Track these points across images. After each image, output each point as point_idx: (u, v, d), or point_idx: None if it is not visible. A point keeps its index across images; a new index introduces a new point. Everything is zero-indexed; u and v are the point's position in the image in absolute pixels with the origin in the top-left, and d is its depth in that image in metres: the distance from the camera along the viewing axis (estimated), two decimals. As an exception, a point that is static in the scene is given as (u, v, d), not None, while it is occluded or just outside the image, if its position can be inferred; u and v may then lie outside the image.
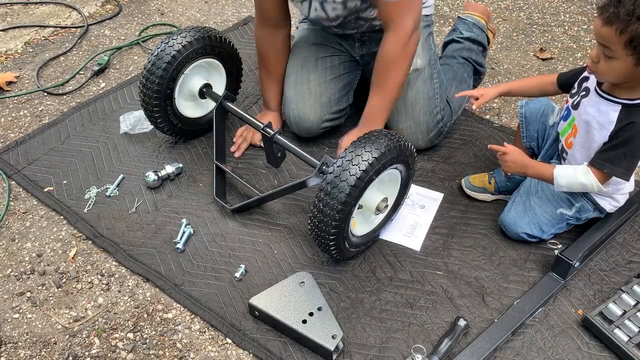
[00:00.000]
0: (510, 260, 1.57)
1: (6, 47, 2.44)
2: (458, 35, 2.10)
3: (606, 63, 1.29)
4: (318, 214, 1.37)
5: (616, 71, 1.29)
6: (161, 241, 1.63)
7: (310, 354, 1.36)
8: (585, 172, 1.41)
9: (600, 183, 1.41)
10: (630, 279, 1.50)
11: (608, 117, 1.37)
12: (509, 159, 1.51)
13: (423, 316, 1.44)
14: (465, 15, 2.16)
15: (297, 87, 1.86)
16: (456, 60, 2.02)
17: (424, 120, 1.81)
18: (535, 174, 1.51)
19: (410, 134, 1.83)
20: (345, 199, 1.34)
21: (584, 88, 1.47)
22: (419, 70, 1.80)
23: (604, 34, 1.25)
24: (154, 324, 1.46)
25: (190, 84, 1.83)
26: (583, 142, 1.45)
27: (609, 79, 1.35)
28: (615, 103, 1.36)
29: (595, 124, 1.40)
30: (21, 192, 1.80)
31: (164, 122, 1.82)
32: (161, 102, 1.76)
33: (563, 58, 2.37)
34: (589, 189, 1.43)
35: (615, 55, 1.26)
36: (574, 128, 1.47)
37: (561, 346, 1.38)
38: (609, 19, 1.23)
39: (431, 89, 1.81)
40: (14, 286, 1.55)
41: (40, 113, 2.10)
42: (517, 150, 1.53)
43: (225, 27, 2.55)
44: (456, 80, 1.96)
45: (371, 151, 1.35)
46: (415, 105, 1.80)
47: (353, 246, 1.51)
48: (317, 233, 1.42)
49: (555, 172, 1.45)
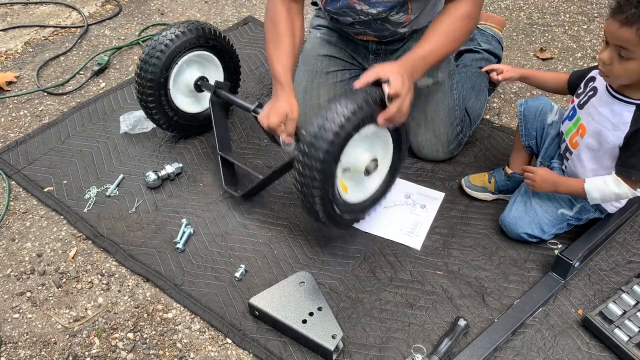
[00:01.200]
0: (510, 260, 1.57)
1: (6, 47, 2.44)
2: (476, 46, 2.08)
3: (621, 64, 1.27)
4: (300, 178, 1.35)
5: (632, 72, 1.28)
6: (161, 241, 1.63)
7: (310, 353, 1.36)
8: (616, 182, 1.41)
9: (635, 188, 1.41)
10: (630, 278, 1.50)
11: (622, 118, 1.36)
12: (538, 178, 1.52)
13: (423, 316, 1.45)
14: (484, 26, 2.14)
15: (307, 101, 1.84)
16: (474, 69, 2.01)
17: (444, 133, 1.80)
18: (567, 191, 1.52)
19: (430, 147, 1.82)
20: (324, 156, 1.31)
21: (591, 88, 1.46)
22: (438, 84, 1.77)
23: (622, 35, 1.23)
24: (154, 323, 1.46)
25: (186, 76, 1.84)
26: (592, 143, 1.44)
27: (623, 81, 1.34)
28: (629, 104, 1.35)
29: (609, 124, 1.39)
30: (21, 192, 1.80)
31: (159, 114, 1.82)
32: (155, 92, 1.77)
33: (563, 58, 2.36)
34: (623, 197, 1.44)
35: (634, 56, 1.25)
36: (580, 127, 1.47)
37: (561, 346, 1.38)
38: (628, 20, 1.21)
39: (451, 101, 1.79)
40: (14, 286, 1.55)
41: (40, 113, 2.10)
42: (544, 169, 1.54)
43: (225, 27, 2.55)
44: (475, 90, 1.95)
45: (346, 105, 1.32)
46: (435, 117, 1.79)
47: (347, 212, 1.48)
48: (302, 199, 1.40)
49: (586, 187, 1.45)
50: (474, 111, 1.91)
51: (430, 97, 1.78)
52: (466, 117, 1.87)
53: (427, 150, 1.83)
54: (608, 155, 1.42)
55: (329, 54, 1.86)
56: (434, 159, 1.85)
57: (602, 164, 1.45)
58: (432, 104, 1.78)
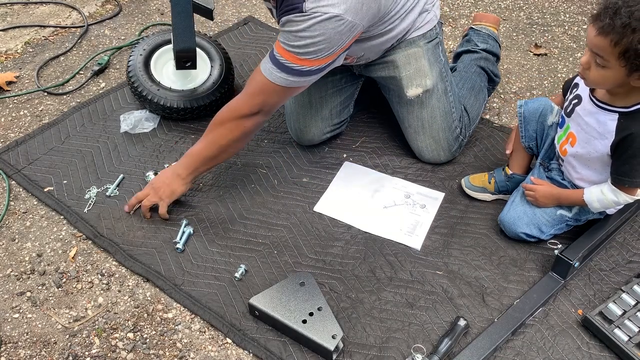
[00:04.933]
0: (510, 260, 1.57)
1: (6, 47, 2.44)
2: (473, 46, 2.08)
3: (597, 71, 1.28)
4: None
5: (607, 79, 1.29)
6: (161, 241, 1.63)
7: (310, 353, 1.36)
8: (613, 191, 1.42)
9: (632, 194, 1.42)
10: (630, 278, 1.50)
11: (607, 126, 1.37)
12: (539, 195, 1.53)
13: (423, 316, 1.45)
14: (479, 26, 2.14)
15: (299, 100, 1.84)
16: (473, 69, 2.00)
17: (444, 137, 1.79)
18: (569, 203, 1.53)
19: (431, 152, 1.82)
20: None
21: (575, 95, 1.46)
22: (430, 91, 1.74)
23: (597, 43, 1.24)
24: (154, 323, 1.46)
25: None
26: (581, 152, 1.45)
27: (599, 86, 1.35)
28: (612, 112, 1.36)
29: (596, 134, 1.39)
30: (21, 192, 1.80)
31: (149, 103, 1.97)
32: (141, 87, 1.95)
33: (563, 58, 2.36)
34: (623, 203, 1.45)
35: (608, 64, 1.25)
36: (570, 136, 1.47)
37: (561, 346, 1.38)
38: (603, 30, 1.21)
39: (447, 104, 1.78)
40: (14, 286, 1.55)
41: (40, 113, 2.10)
42: (545, 183, 1.55)
43: (225, 27, 2.55)
44: (474, 90, 1.94)
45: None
46: (433, 123, 1.78)
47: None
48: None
49: (585, 198, 1.47)
50: (473, 110, 1.91)
51: (424, 104, 1.76)
52: (465, 116, 1.87)
53: (429, 155, 1.82)
54: (598, 162, 1.43)
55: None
56: (436, 162, 1.85)
57: (594, 169, 1.46)
58: (428, 110, 1.77)
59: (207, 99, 1.98)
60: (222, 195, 1.77)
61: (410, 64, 1.72)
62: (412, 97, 1.75)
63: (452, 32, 2.53)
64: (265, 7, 2.66)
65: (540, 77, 2.26)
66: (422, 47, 1.72)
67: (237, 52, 2.35)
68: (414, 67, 1.72)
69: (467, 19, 2.60)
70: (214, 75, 2.02)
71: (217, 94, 2.00)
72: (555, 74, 2.28)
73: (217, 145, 1.60)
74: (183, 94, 1.97)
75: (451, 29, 2.55)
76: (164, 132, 1.98)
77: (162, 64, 2.04)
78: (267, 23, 2.56)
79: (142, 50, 2.00)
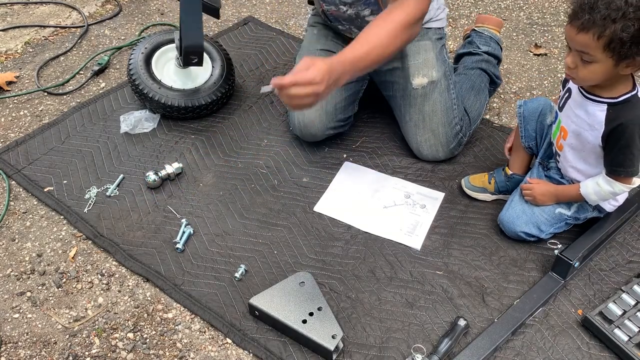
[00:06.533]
0: (510, 260, 1.57)
1: (6, 47, 2.44)
2: (475, 48, 2.09)
3: (585, 68, 1.29)
4: None
5: (597, 74, 1.30)
6: (161, 241, 1.63)
7: (310, 353, 1.36)
8: (608, 182, 1.42)
9: (628, 184, 1.42)
10: (630, 278, 1.50)
11: (596, 118, 1.38)
12: (537, 193, 1.54)
13: (423, 316, 1.45)
14: (481, 28, 2.15)
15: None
16: (473, 70, 2.02)
17: (443, 132, 1.80)
18: (567, 199, 1.54)
19: (430, 147, 1.82)
20: None
21: (566, 89, 1.48)
22: (434, 82, 1.78)
23: (580, 40, 1.25)
24: (154, 323, 1.46)
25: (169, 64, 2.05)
26: (574, 144, 1.46)
27: (590, 82, 1.36)
28: (601, 103, 1.37)
29: (585, 125, 1.40)
30: (21, 192, 1.80)
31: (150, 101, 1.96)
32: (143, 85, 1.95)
33: (563, 58, 2.36)
34: (619, 192, 1.45)
35: (595, 59, 1.26)
36: (562, 130, 1.48)
37: (561, 346, 1.38)
38: (584, 26, 1.23)
39: (448, 100, 1.80)
40: (14, 286, 1.55)
41: (40, 113, 2.10)
42: (541, 181, 1.56)
43: (225, 27, 2.55)
44: (474, 90, 1.96)
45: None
46: (433, 117, 1.79)
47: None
48: None
49: (582, 191, 1.47)
50: (474, 111, 1.91)
51: (427, 96, 1.79)
52: (465, 117, 1.87)
53: (427, 150, 1.83)
54: (592, 154, 1.44)
55: (326, 48, 1.90)
56: (435, 160, 1.85)
57: (589, 162, 1.46)
58: (430, 104, 1.79)
59: (209, 98, 1.99)
60: (222, 195, 1.77)
61: (420, 54, 1.79)
62: (417, 86, 1.79)
63: (452, 32, 2.53)
64: (265, 7, 2.66)
65: (540, 77, 2.26)
66: (433, 41, 1.80)
67: (237, 52, 2.35)
68: (422, 58, 1.78)
69: (467, 19, 2.60)
70: (215, 75, 2.03)
71: (218, 94, 2.00)
72: (555, 74, 2.28)
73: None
74: (184, 93, 1.97)
75: (451, 29, 2.55)
76: (164, 132, 1.98)
77: (163, 63, 2.04)
78: (267, 23, 2.57)
79: (143, 48, 2.00)
